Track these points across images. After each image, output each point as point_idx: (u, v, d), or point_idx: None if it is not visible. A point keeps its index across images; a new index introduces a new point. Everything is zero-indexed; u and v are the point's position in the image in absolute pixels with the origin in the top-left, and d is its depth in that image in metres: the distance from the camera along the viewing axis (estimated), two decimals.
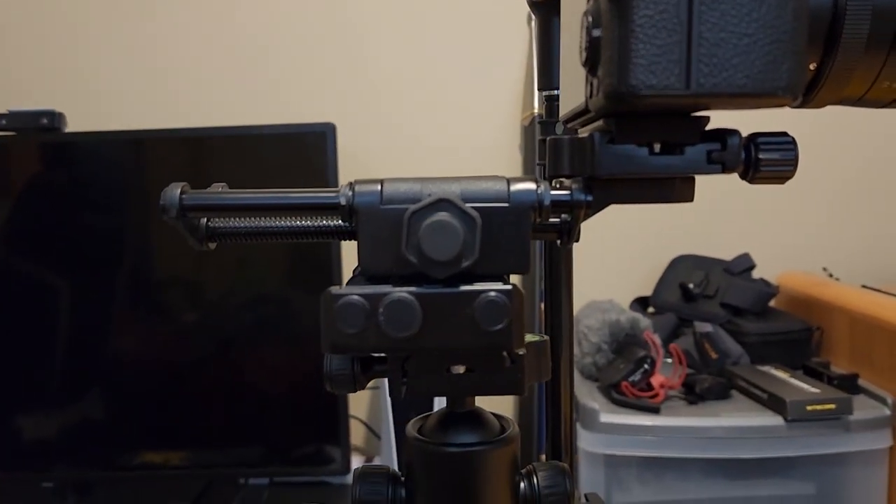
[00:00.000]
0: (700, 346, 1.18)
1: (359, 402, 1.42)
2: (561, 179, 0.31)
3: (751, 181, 0.32)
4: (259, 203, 0.30)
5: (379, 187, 0.30)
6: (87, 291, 1.22)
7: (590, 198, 0.30)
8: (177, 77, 1.43)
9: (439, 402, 0.37)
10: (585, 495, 0.64)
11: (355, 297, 0.28)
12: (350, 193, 0.30)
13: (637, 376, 1.05)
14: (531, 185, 0.30)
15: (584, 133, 0.32)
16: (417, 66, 1.42)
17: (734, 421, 1.00)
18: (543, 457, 0.68)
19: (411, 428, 0.33)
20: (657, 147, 0.29)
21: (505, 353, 0.30)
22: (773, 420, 0.99)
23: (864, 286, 1.27)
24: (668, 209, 1.44)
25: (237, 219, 0.32)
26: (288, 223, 0.32)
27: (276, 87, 1.43)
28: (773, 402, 1.00)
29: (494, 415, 0.34)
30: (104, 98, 1.43)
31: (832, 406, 0.98)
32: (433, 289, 0.28)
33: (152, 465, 1.25)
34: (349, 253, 1.18)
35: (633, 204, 0.32)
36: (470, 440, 0.32)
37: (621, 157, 0.29)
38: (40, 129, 1.20)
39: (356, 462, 1.35)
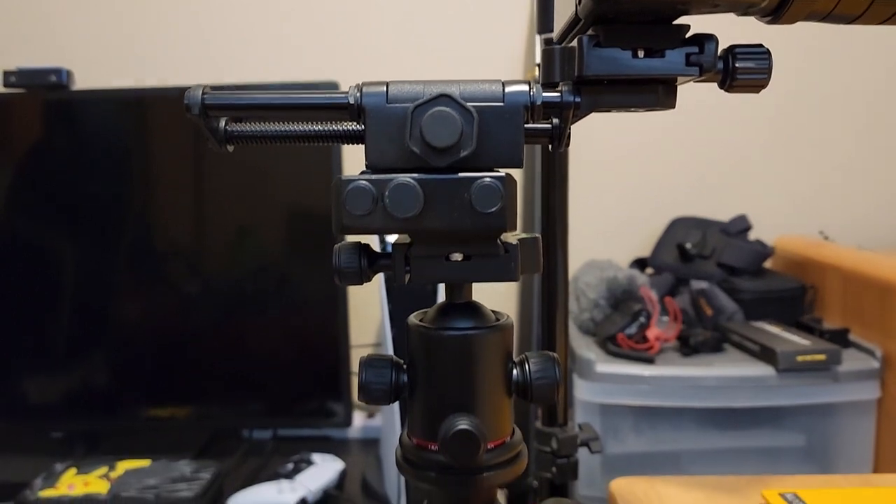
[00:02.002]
0: (696, 303, 1.21)
1: None
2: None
3: (728, 89, 0.34)
4: (274, 103, 0.33)
5: (385, 88, 0.32)
6: (93, 251, 1.24)
7: (578, 99, 0.32)
8: (182, 35, 1.45)
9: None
10: (579, 425, 0.68)
11: (363, 182, 0.30)
12: (358, 94, 0.32)
13: (633, 329, 1.08)
14: (524, 87, 0.32)
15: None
16: (420, 24, 1.44)
17: (726, 371, 1.03)
18: (538, 423, 0.72)
19: (413, 318, 0.36)
20: (641, 53, 0.32)
21: (500, 242, 0.33)
22: (764, 370, 1.02)
23: (859, 248, 1.30)
24: (668, 172, 1.47)
25: (253, 123, 0.34)
26: (300, 128, 0.34)
27: (279, 45, 1.45)
28: (765, 354, 1.03)
29: (490, 310, 0.37)
30: (111, 56, 1.45)
31: (822, 357, 1.01)
32: (434, 175, 0.31)
33: (158, 418, 1.28)
34: None
35: (619, 111, 0.34)
36: (469, 325, 0.35)
37: (607, 59, 0.31)
38: (49, 86, 1.22)
39: (358, 418, 1.39)
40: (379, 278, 1.10)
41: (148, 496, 1.05)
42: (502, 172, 0.31)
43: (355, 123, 0.33)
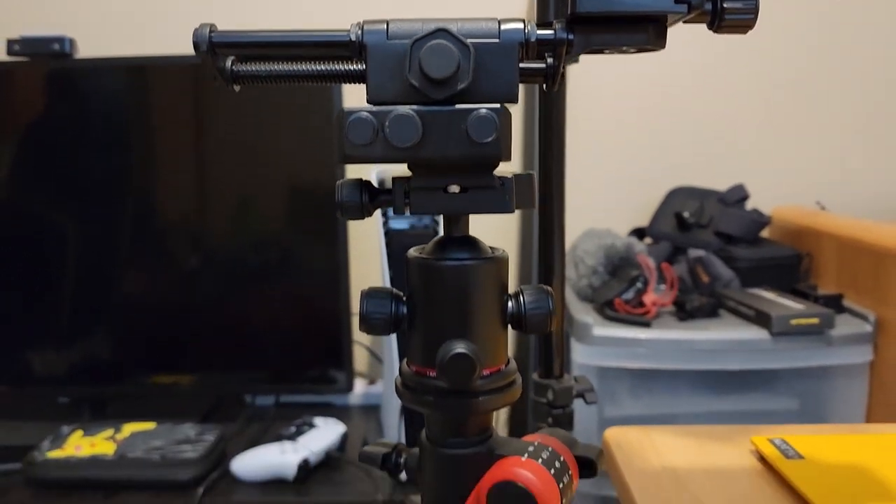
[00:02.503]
0: (693, 270, 1.22)
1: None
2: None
3: (716, 30, 0.35)
4: (279, 40, 0.34)
5: (385, 25, 0.33)
6: (98, 221, 1.26)
7: (571, 36, 0.34)
8: (184, 2, 1.46)
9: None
10: (575, 377, 0.69)
11: (365, 113, 0.32)
12: (359, 31, 0.34)
13: (630, 294, 1.09)
14: (519, 25, 0.33)
15: None
16: None
17: (721, 335, 1.05)
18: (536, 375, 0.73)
19: (413, 251, 0.38)
20: None
21: (496, 175, 0.34)
22: (759, 334, 1.04)
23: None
24: (667, 143, 1.48)
25: (259, 64, 0.36)
26: (303, 67, 0.36)
27: (285, 11, 1.45)
28: (760, 318, 1.05)
29: (486, 244, 0.38)
30: (114, 24, 1.45)
31: (816, 321, 1.03)
32: (432, 107, 0.32)
33: (162, 384, 1.30)
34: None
35: (611, 50, 0.36)
36: (464, 256, 0.36)
37: None
38: (52, 54, 1.23)
39: (359, 385, 1.41)
40: (381, 247, 1.11)
41: (153, 457, 1.08)
42: (498, 105, 0.32)
43: (357, 63, 0.34)
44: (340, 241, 1.23)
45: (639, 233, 1.41)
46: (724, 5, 0.34)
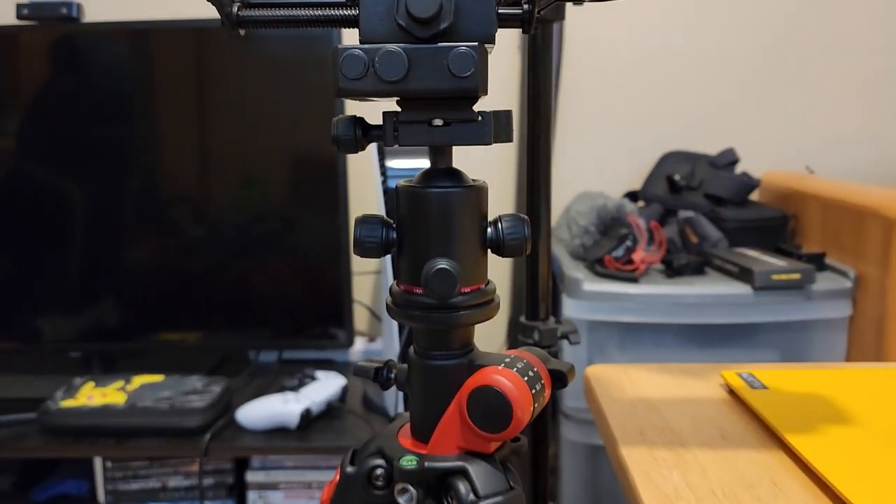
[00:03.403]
0: (682, 231, 1.26)
1: (362, 288, 1.51)
2: None
3: None
4: None
5: None
6: (105, 185, 1.30)
7: None
8: None
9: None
10: (559, 319, 0.73)
11: (357, 50, 0.36)
12: None
13: (619, 252, 1.13)
14: None
15: None
16: None
17: (706, 290, 1.09)
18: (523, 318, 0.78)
19: (402, 182, 0.42)
20: None
21: (475, 112, 0.38)
22: (742, 289, 1.08)
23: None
24: (661, 108, 1.51)
25: (262, 10, 0.39)
26: (303, 13, 0.39)
27: None
28: (743, 274, 1.09)
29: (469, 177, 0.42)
30: None
31: (797, 276, 1.07)
32: (417, 45, 0.36)
33: (170, 341, 1.35)
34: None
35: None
36: (447, 184, 0.40)
37: None
38: (60, 18, 1.26)
39: (359, 342, 1.46)
40: (380, 209, 1.15)
41: (162, 406, 1.13)
42: (475, 43, 0.36)
43: (350, 9, 0.38)
44: (341, 204, 1.27)
45: (632, 196, 1.45)
46: None
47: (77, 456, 1.14)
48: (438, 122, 0.38)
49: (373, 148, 1.06)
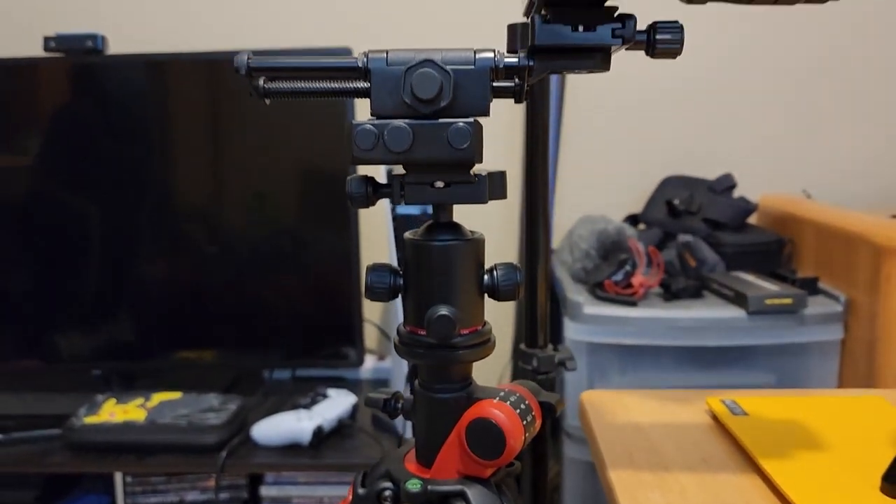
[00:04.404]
0: (681, 254, 1.31)
1: (372, 307, 1.56)
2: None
3: (653, 56, 0.44)
4: (303, 65, 0.43)
5: (385, 54, 0.42)
6: (125, 208, 1.36)
7: (532, 63, 0.42)
8: (203, 2, 1.55)
9: None
10: (556, 346, 0.78)
11: (369, 125, 0.41)
12: (365, 59, 0.42)
13: (619, 276, 1.18)
14: (490, 54, 0.42)
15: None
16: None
17: (702, 313, 1.14)
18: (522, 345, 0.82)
19: (408, 234, 0.47)
20: (580, 28, 0.42)
21: (472, 173, 0.43)
22: (736, 313, 1.13)
23: (838, 205, 1.39)
24: (662, 134, 1.56)
25: (284, 83, 0.45)
26: (321, 86, 0.45)
27: (297, 13, 1.54)
28: (738, 298, 1.14)
29: (468, 229, 0.47)
30: (142, 23, 1.55)
31: (789, 301, 1.11)
32: (421, 121, 0.41)
33: (187, 359, 1.40)
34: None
35: (567, 73, 0.44)
36: (448, 238, 0.45)
37: (553, 32, 0.41)
38: (85, 51, 1.32)
39: (369, 360, 1.51)
40: (390, 235, 1.20)
41: (181, 422, 1.18)
42: (472, 119, 0.41)
43: (363, 82, 0.43)
44: (352, 227, 1.32)
45: (633, 219, 1.49)
46: (657, 37, 0.43)
47: (99, 471, 1.19)
48: (440, 184, 0.44)
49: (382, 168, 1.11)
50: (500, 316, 1.48)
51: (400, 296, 0.47)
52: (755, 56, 1.56)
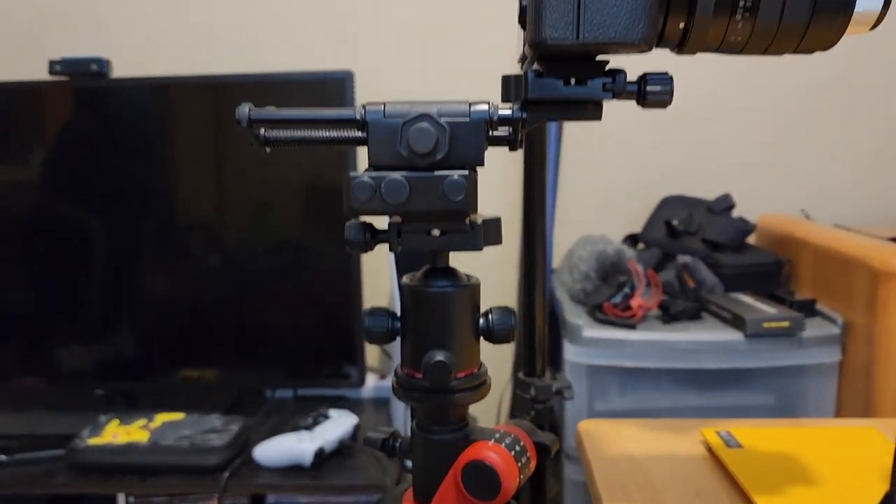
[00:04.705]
0: (680, 276, 1.31)
1: None
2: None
3: (644, 106, 0.45)
4: (302, 117, 0.44)
5: (383, 107, 0.43)
6: (127, 227, 1.37)
7: (525, 115, 0.43)
8: (209, 26, 1.56)
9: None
10: (554, 375, 0.79)
11: (366, 177, 0.42)
12: (363, 111, 0.44)
13: (618, 298, 1.19)
14: (485, 106, 0.43)
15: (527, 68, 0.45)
16: (433, 14, 1.55)
17: (700, 336, 1.14)
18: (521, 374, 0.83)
19: (405, 279, 0.48)
20: (572, 81, 0.43)
21: (467, 221, 0.44)
22: (734, 336, 1.14)
23: (836, 225, 1.40)
24: (662, 153, 1.57)
25: (285, 131, 0.46)
26: (320, 134, 0.46)
27: (299, 36, 1.56)
28: (735, 321, 1.15)
29: (464, 273, 0.48)
30: (145, 46, 1.56)
31: (786, 324, 1.12)
32: (417, 173, 0.42)
33: (189, 378, 1.41)
34: None
35: (556, 121, 0.45)
36: (445, 284, 0.46)
37: (545, 86, 0.43)
38: (90, 74, 1.34)
39: (370, 379, 1.51)
40: (390, 256, 1.21)
41: (183, 444, 1.19)
42: (466, 171, 0.42)
43: (361, 132, 0.44)
44: None
45: (633, 239, 1.50)
46: (647, 89, 0.44)
47: (103, 492, 1.20)
48: (436, 232, 0.45)
49: None
50: None
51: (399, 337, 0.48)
52: (754, 75, 1.57)
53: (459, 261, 0.48)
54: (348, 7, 1.55)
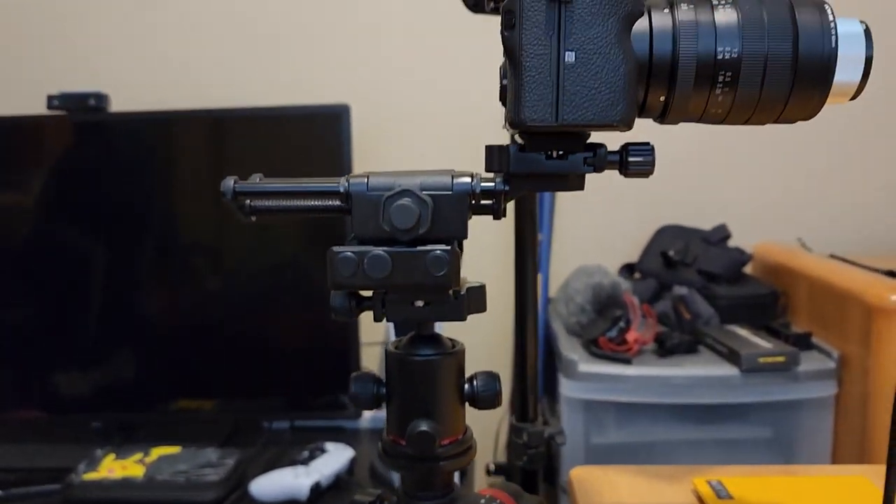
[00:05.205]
0: (676, 308, 1.32)
1: (370, 357, 1.57)
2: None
3: (626, 176, 0.45)
4: (285, 189, 0.45)
5: (366, 180, 0.44)
6: (124, 259, 1.38)
7: (507, 188, 0.44)
8: (205, 60, 1.58)
9: None
10: (546, 420, 0.79)
11: (349, 252, 0.42)
12: (346, 184, 0.44)
13: (613, 332, 1.19)
14: (468, 179, 0.44)
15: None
16: (428, 50, 1.56)
17: (696, 371, 1.14)
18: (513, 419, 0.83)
19: (391, 346, 0.48)
20: (554, 153, 0.43)
21: (451, 292, 0.45)
22: (730, 371, 1.14)
23: (832, 255, 1.40)
24: (660, 183, 1.57)
25: (270, 201, 0.46)
26: (304, 203, 0.46)
27: (294, 69, 1.57)
28: (731, 355, 1.15)
29: (448, 338, 0.48)
30: (143, 80, 1.58)
31: (782, 359, 1.12)
32: (399, 248, 0.42)
33: (186, 410, 1.41)
34: None
35: (537, 191, 0.46)
36: (430, 352, 0.46)
37: (527, 160, 0.43)
38: (88, 109, 1.35)
39: (367, 411, 1.51)
40: None
41: (179, 479, 1.18)
42: (450, 246, 0.43)
43: (345, 203, 0.45)
44: None
45: (629, 268, 1.50)
46: (629, 159, 0.45)
47: None
48: (419, 303, 0.45)
49: None
50: (498, 358, 1.49)
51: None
52: None
53: None
54: (345, 40, 1.56)
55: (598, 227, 1.61)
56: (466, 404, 0.48)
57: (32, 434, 1.44)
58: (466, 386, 0.47)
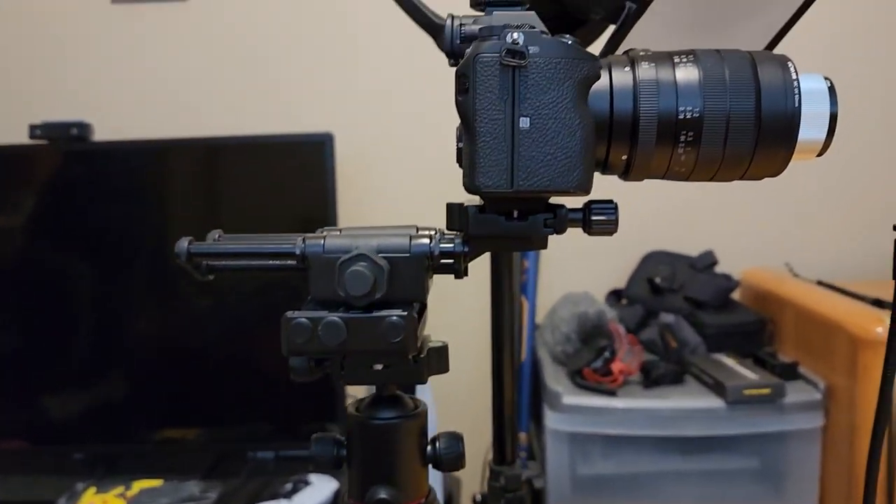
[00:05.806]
0: (662, 335, 1.31)
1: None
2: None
3: (590, 234, 0.45)
4: (241, 251, 0.44)
5: (322, 241, 0.43)
6: (108, 284, 1.37)
7: (466, 249, 0.43)
8: (188, 89, 1.57)
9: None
10: (525, 463, 0.78)
11: (303, 319, 0.41)
12: (303, 245, 0.43)
13: (598, 363, 1.18)
14: (426, 240, 0.43)
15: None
16: (413, 76, 1.55)
17: (681, 403, 1.13)
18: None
19: (350, 407, 0.47)
20: (515, 214, 0.42)
21: (410, 357, 0.44)
22: (715, 402, 1.12)
23: (819, 282, 1.39)
24: (647, 208, 1.57)
25: (226, 261, 0.45)
26: (261, 263, 0.45)
27: (278, 98, 1.57)
28: (717, 387, 1.14)
29: (410, 397, 0.47)
30: (125, 110, 1.57)
31: (767, 391, 1.11)
32: (354, 314, 0.41)
33: (170, 439, 1.40)
34: None
35: (499, 251, 0.45)
36: (390, 415, 0.45)
37: (486, 222, 0.42)
38: (71, 138, 1.34)
39: None
40: None
41: None
42: (406, 311, 0.41)
43: (302, 264, 0.44)
44: None
45: (616, 294, 1.49)
46: (592, 217, 0.44)
47: None
48: (378, 366, 0.44)
49: None
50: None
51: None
52: None
53: (434, 324, 0.47)
54: (331, 69, 1.56)
55: (585, 253, 1.60)
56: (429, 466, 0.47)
57: (13, 465, 1.42)
58: (429, 448, 0.46)
